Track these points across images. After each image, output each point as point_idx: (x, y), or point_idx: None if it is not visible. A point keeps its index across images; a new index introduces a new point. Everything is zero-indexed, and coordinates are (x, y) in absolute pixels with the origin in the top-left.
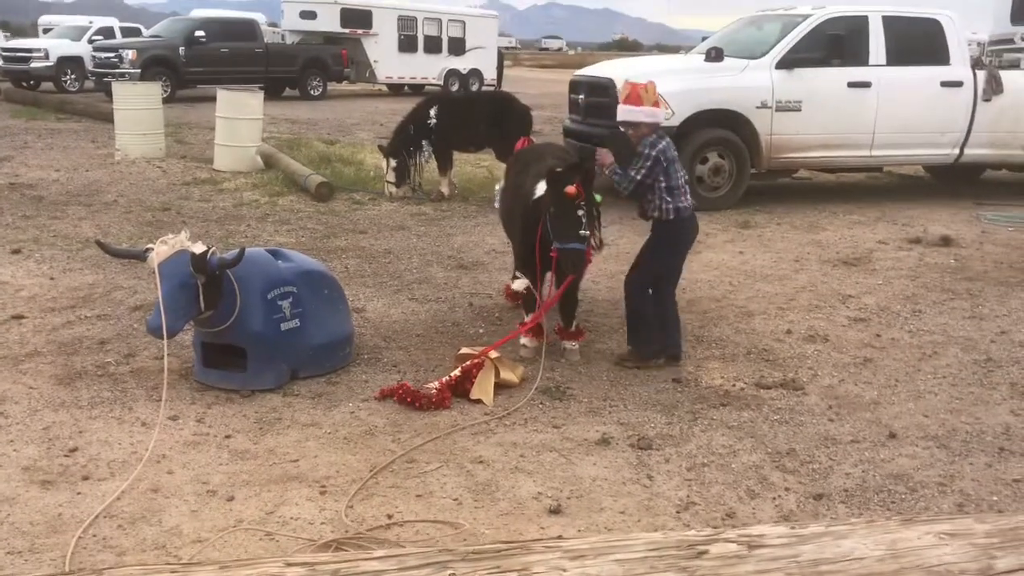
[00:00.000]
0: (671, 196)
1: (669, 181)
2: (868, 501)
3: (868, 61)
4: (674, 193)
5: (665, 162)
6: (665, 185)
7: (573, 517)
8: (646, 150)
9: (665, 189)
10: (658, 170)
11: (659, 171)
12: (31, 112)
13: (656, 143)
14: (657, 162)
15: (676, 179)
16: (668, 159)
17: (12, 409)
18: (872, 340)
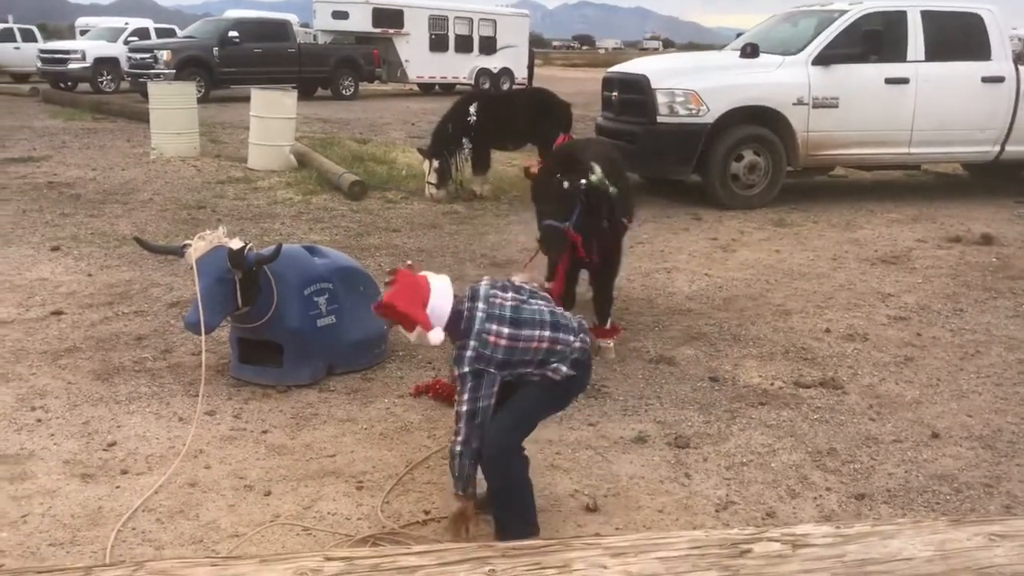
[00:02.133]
0: (551, 369)
1: (534, 364)
2: (912, 502)
3: (906, 57)
4: (549, 362)
5: (495, 367)
6: (536, 368)
7: (610, 515)
8: (461, 368)
9: (540, 364)
10: (488, 381)
11: (489, 383)
12: (68, 113)
13: (462, 353)
14: (481, 376)
15: (536, 351)
16: (501, 358)
17: (53, 403)
18: (913, 339)
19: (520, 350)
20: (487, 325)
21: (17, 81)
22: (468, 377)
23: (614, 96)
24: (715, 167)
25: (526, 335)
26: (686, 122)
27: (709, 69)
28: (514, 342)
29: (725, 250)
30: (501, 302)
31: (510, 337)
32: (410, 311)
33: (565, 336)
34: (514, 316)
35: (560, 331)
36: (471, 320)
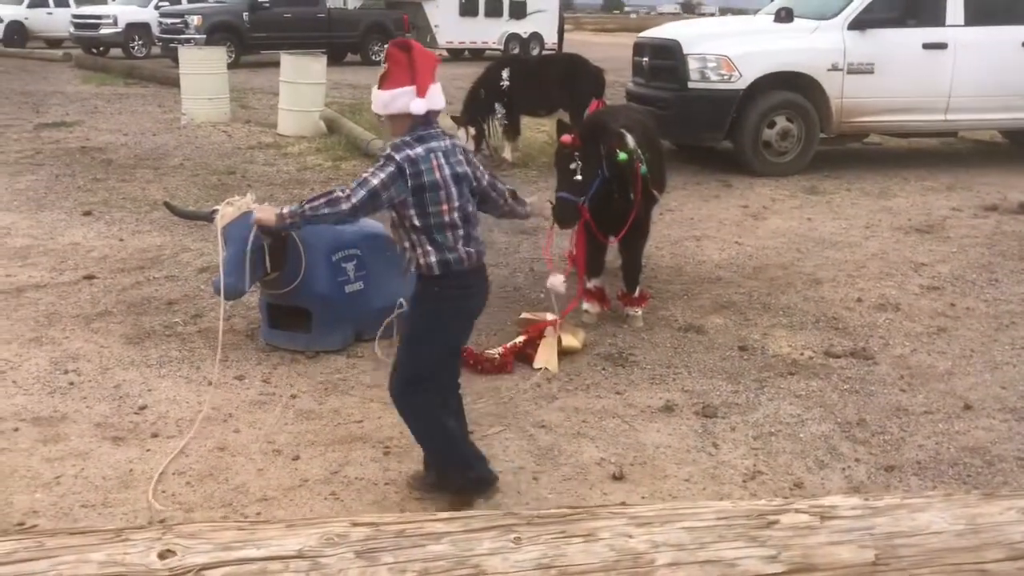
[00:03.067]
0: (430, 241)
1: (424, 217)
2: (942, 474)
3: (945, 21)
4: (434, 236)
5: (412, 181)
6: (420, 223)
7: (636, 484)
8: (385, 152)
9: (420, 229)
10: (399, 191)
11: (402, 193)
12: (100, 78)
13: (402, 147)
14: (396, 178)
15: (441, 214)
16: (426, 181)
17: (85, 367)
18: (946, 309)
19: (433, 197)
20: (437, 154)
21: (50, 47)
22: (389, 162)
23: (645, 62)
24: (747, 134)
25: (447, 194)
26: (718, 88)
27: (742, 34)
28: (438, 190)
29: (756, 218)
30: (456, 160)
31: (443, 180)
32: (428, 71)
33: (466, 235)
34: (455, 174)
35: (470, 228)
36: (431, 137)
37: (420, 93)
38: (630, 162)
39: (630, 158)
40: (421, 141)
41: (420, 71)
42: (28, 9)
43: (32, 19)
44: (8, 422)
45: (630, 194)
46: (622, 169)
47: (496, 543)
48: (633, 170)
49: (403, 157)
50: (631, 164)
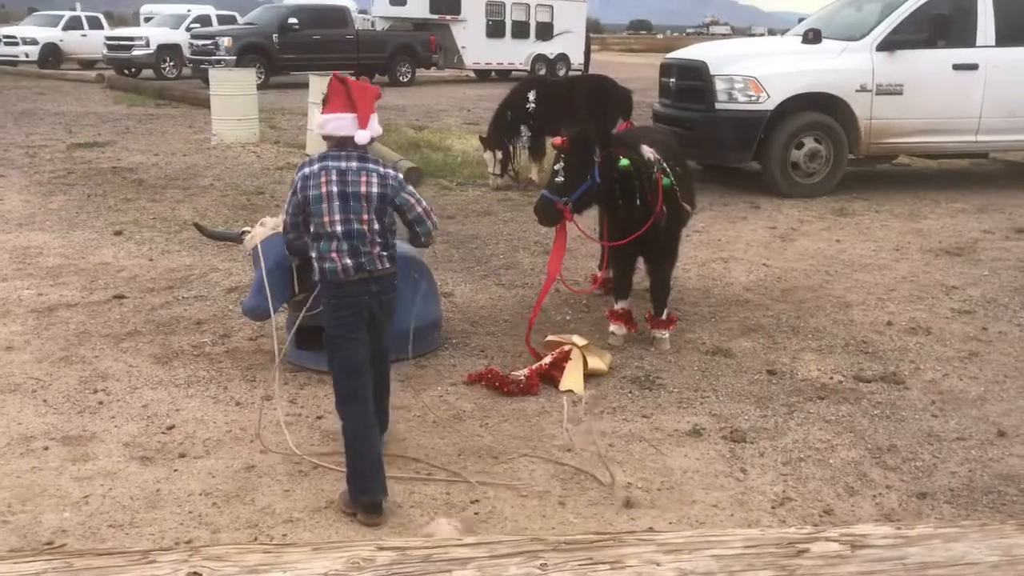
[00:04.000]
0: (316, 249)
1: (313, 226)
2: (976, 502)
3: (975, 42)
4: (318, 244)
5: (300, 194)
6: (312, 231)
7: (664, 509)
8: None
9: (311, 236)
10: (292, 202)
11: (294, 204)
12: (132, 98)
13: (304, 166)
14: (293, 193)
15: (322, 225)
16: (310, 195)
17: (114, 386)
18: (978, 333)
19: (317, 209)
20: (331, 172)
21: (84, 68)
22: (296, 180)
23: (672, 82)
24: (775, 155)
25: (329, 208)
26: (745, 109)
27: (769, 55)
28: (320, 203)
29: (784, 239)
30: (354, 180)
31: (327, 195)
32: (367, 103)
33: (350, 249)
34: (343, 192)
35: (356, 243)
36: (337, 158)
37: (362, 124)
38: (640, 171)
39: (637, 167)
40: (323, 159)
41: (359, 103)
42: (63, 31)
43: (67, 41)
44: (38, 440)
45: (636, 201)
46: (626, 176)
47: (522, 569)
48: (649, 180)
49: (299, 175)
50: (644, 174)
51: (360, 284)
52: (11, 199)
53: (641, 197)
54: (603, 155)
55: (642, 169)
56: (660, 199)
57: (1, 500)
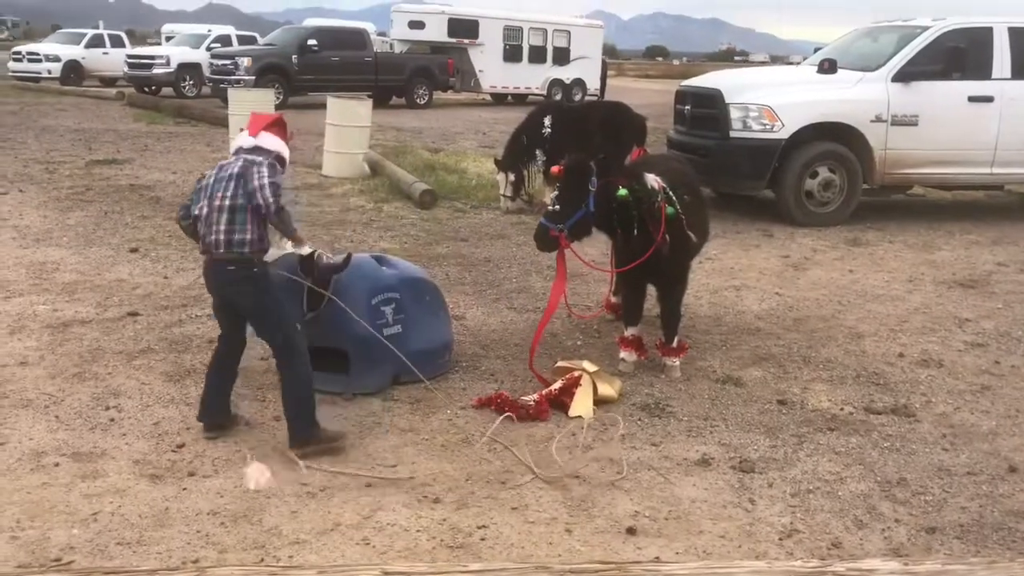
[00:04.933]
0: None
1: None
2: (986, 539)
3: (991, 75)
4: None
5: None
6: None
7: (671, 539)
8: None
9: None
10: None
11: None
12: (151, 116)
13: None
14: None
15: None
16: (202, 185)
17: (126, 403)
18: (991, 367)
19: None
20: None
21: (105, 85)
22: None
23: (687, 110)
24: (789, 183)
25: (206, 194)
26: (760, 137)
27: (784, 84)
28: (201, 191)
29: (797, 268)
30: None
31: (207, 185)
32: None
33: (206, 226)
34: (216, 179)
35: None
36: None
37: (252, 134)
38: (640, 201)
39: (638, 196)
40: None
41: (251, 125)
42: (85, 49)
43: (89, 59)
44: (49, 456)
45: (633, 230)
46: (624, 206)
47: None
48: (651, 209)
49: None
50: (644, 203)
51: (208, 263)
52: (29, 214)
53: (639, 226)
54: (600, 184)
55: (643, 198)
56: (662, 228)
57: (10, 516)
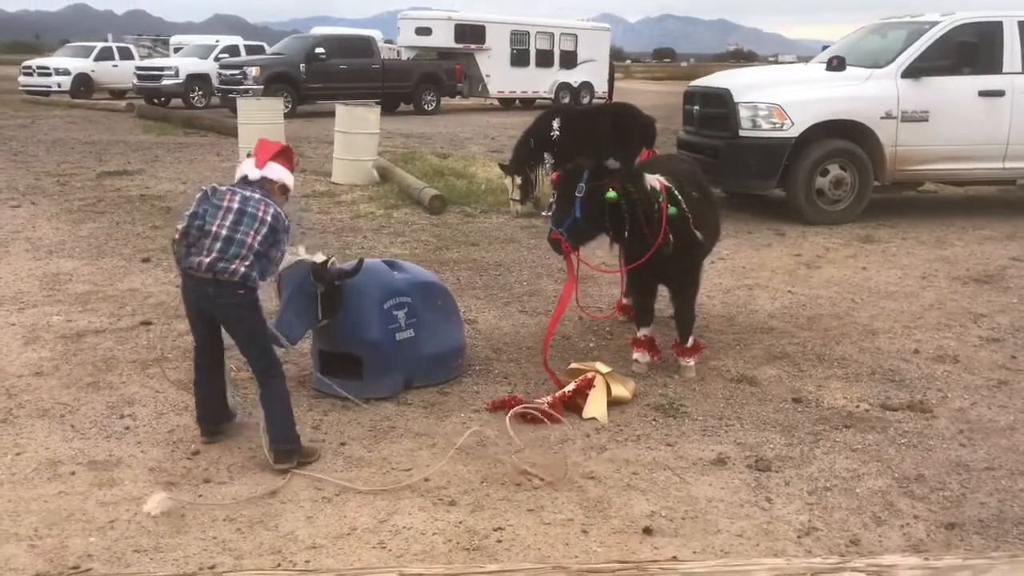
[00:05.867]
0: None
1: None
2: (1006, 533)
3: (1002, 69)
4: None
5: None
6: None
7: (688, 538)
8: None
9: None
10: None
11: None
12: (161, 127)
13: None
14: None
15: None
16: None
17: (140, 412)
18: (1007, 362)
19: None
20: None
21: (115, 97)
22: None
23: (696, 110)
24: (800, 182)
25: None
26: (769, 136)
27: (793, 82)
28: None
29: (809, 267)
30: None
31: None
32: (265, 154)
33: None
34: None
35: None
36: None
37: (260, 164)
38: (634, 202)
39: (631, 198)
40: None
41: (258, 154)
42: (95, 62)
43: (99, 71)
44: (65, 465)
45: (624, 232)
46: (615, 208)
47: None
48: (648, 210)
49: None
50: (640, 204)
51: (193, 280)
52: (42, 226)
53: (631, 228)
54: (587, 189)
55: (637, 200)
56: (663, 228)
57: (28, 524)
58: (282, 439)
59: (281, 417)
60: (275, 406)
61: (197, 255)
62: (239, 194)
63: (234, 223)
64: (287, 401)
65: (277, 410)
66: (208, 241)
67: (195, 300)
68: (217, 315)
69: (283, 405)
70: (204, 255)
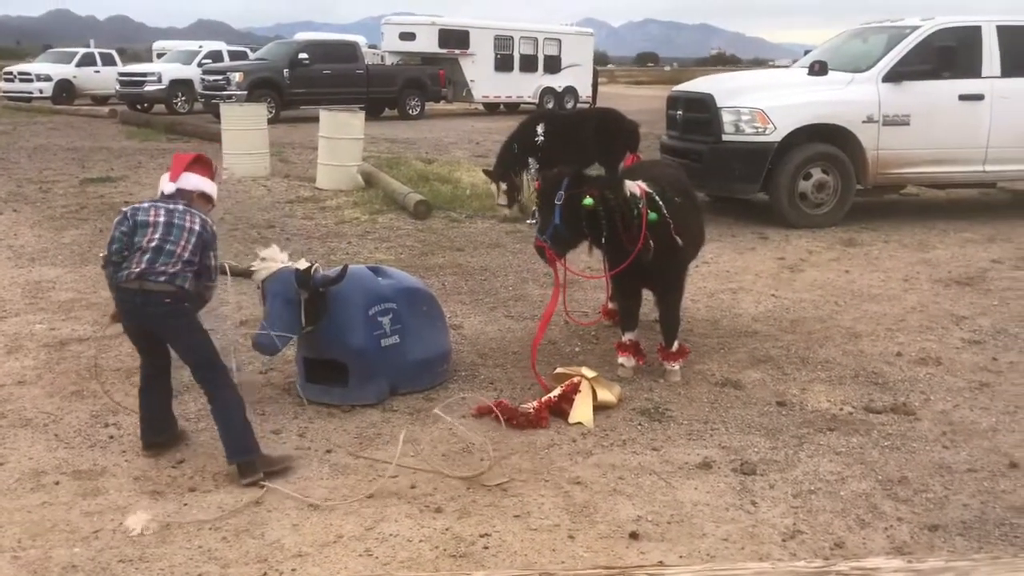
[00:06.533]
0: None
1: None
2: (988, 535)
3: (981, 72)
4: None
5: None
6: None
7: (674, 543)
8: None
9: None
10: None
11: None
12: (144, 133)
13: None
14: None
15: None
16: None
17: (125, 421)
18: (988, 364)
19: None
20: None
21: (97, 103)
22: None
23: (679, 115)
24: (782, 185)
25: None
26: (752, 140)
27: (775, 87)
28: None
29: (792, 270)
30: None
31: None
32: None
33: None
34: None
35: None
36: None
37: (173, 177)
38: (612, 209)
39: (609, 205)
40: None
41: (172, 167)
42: (77, 68)
43: (80, 77)
44: (49, 475)
45: (602, 238)
46: (592, 215)
47: None
48: (626, 216)
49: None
50: (618, 211)
51: (126, 292)
52: (24, 234)
53: (609, 234)
54: (565, 196)
55: (616, 207)
56: (642, 234)
57: (11, 536)
58: (240, 451)
59: (236, 428)
60: (227, 418)
61: (127, 268)
62: (163, 208)
63: (163, 235)
64: (241, 410)
65: (231, 422)
66: (138, 255)
67: (127, 312)
68: (147, 325)
69: (236, 415)
70: (134, 267)
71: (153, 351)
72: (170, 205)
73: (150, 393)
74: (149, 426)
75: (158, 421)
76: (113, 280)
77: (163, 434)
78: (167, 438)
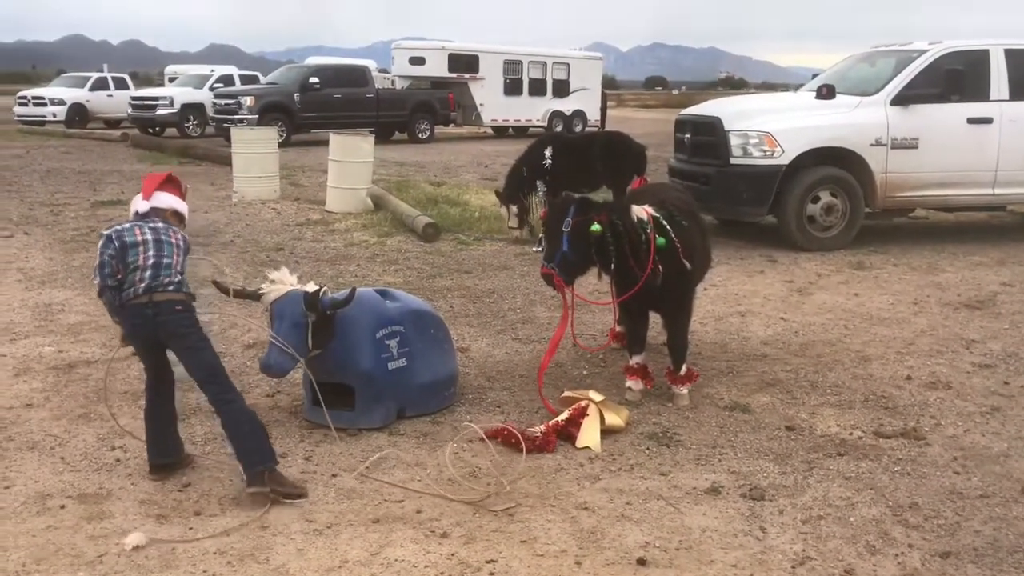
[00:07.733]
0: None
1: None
2: (1001, 562)
3: (990, 96)
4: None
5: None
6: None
7: (682, 569)
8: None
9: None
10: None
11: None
12: (155, 156)
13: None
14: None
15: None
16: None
17: (132, 444)
18: (999, 388)
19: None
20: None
21: (109, 127)
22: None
23: (687, 138)
24: (791, 209)
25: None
26: (761, 164)
27: (784, 111)
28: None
29: (801, 293)
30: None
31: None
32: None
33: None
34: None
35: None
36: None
37: (146, 195)
38: (619, 234)
39: (616, 231)
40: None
41: (145, 187)
42: (90, 92)
43: (93, 101)
44: (55, 499)
45: (610, 265)
46: (600, 241)
47: None
48: (635, 240)
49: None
50: (625, 236)
51: (138, 310)
52: (35, 257)
53: (617, 260)
54: (573, 223)
55: (624, 232)
56: (651, 258)
57: (16, 560)
58: (252, 461)
59: (245, 437)
60: (237, 428)
61: (130, 287)
62: (146, 227)
63: (157, 252)
64: (254, 419)
65: (240, 431)
66: (138, 273)
67: (138, 328)
68: (160, 336)
69: (245, 425)
70: (138, 284)
71: (159, 368)
72: (151, 223)
73: (155, 416)
74: (155, 448)
75: (163, 444)
76: (115, 303)
77: (169, 456)
78: (173, 461)
